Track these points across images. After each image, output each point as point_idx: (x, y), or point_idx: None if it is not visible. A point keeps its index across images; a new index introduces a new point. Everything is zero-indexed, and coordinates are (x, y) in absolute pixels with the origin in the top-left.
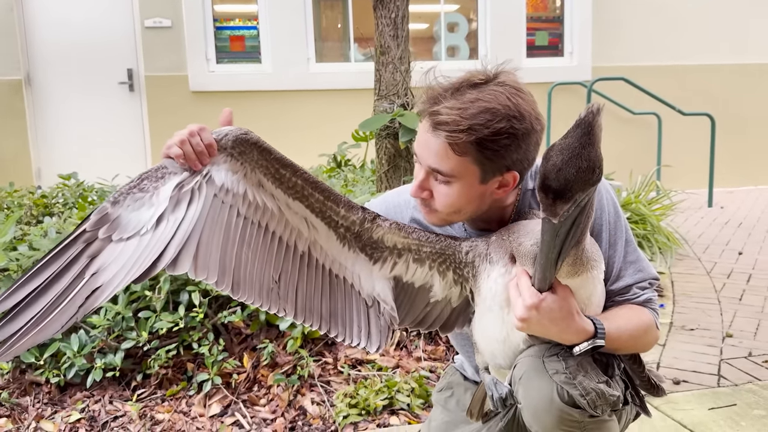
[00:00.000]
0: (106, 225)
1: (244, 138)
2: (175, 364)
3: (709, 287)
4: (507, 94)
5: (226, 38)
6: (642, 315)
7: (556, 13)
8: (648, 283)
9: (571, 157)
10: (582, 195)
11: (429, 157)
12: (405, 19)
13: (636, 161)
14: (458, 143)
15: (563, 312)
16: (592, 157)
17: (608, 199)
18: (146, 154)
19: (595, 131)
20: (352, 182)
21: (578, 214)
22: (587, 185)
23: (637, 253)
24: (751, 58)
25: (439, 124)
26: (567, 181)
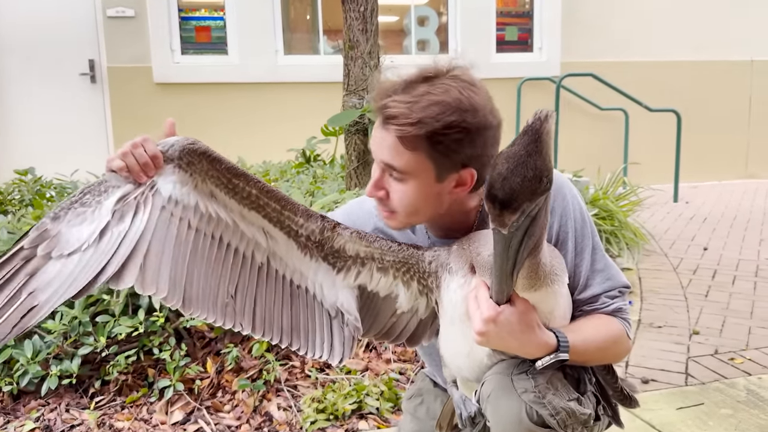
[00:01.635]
0: (45, 241)
1: (192, 148)
2: (135, 370)
3: (676, 283)
4: (459, 88)
5: (191, 29)
6: (611, 325)
7: (526, 8)
8: (618, 291)
9: (516, 166)
10: (530, 205)
11: (382, 153)
12: (374, 13)
13: (604, 156)
14: (408, 137)
15: (522, 325)
16: (538, 166)
17: (574, 204)
18: (109, 148)
19: (543, 138)
20: (321, 178)
21: (530, 224)
22: (535, 195)
23: (605, 260)
24: (717, 55)
25: (388, 118)
26: (513, 190)
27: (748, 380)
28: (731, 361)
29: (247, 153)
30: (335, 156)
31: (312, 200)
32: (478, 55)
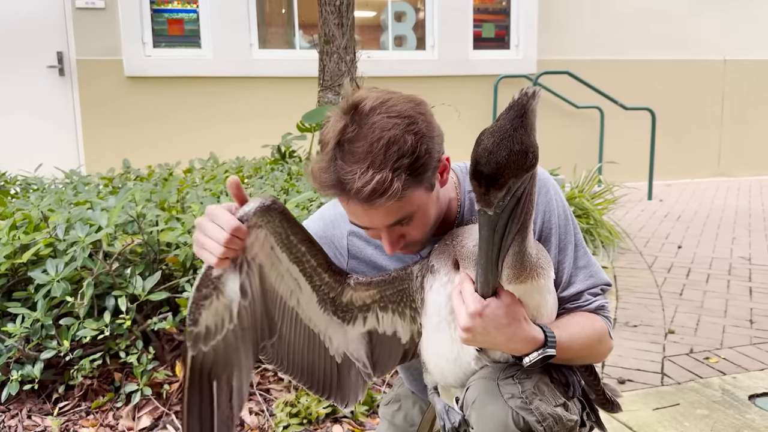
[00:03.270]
0: (200, 342)
1: (270, 207)
2: (100, 375)
3: (651, 282)
4: (384, 116)
5: (163, 21)
6: (595, 323)
7: (503, 5)
8: (600, 289)
9: (502, 140)
10: (516, 182)
11: (383, 221)
12: (350, 8)
13: (580, 154)
14: (397, 194)
15: (509, 318)
16: (524, 140)
17: (558, 201)
18: (78, 143)
19: (529, 115)
20: (296, 175)
21: (515, 205)
22: (520, 170)
23: (587, 257)
24: (691, 54)
25: (370, 196)
26: (498, 164)
27: (723, 380)
28: (706, 360)
29: (221, 149)
30: (311, 152)
31: (286, 198)
32: (456, 52)
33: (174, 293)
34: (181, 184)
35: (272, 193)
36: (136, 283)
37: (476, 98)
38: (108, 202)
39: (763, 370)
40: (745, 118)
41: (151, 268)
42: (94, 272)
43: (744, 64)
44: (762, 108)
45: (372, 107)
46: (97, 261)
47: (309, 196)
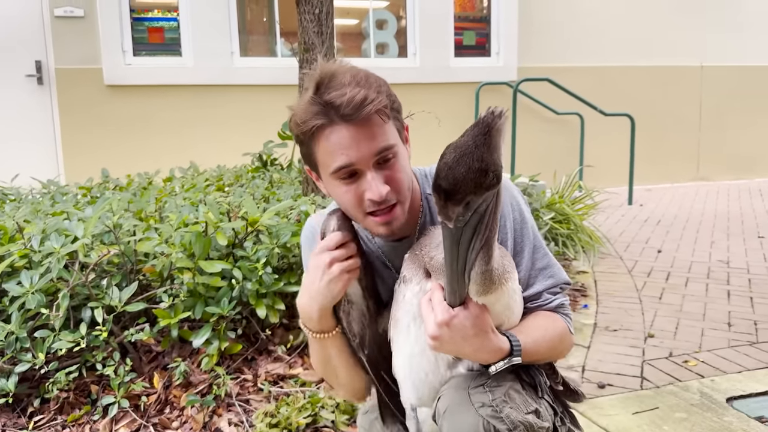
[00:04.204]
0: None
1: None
2: (77, 387)
3: (631, 286)
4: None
5: (144, 30)
6: (556, 323)
7: (483, 13)
8: (559, 288)
9: (462, 155)
10: (477, 199)
11: (371, 146)
12: (329, 16)
13: (560, 160)
14: (383, 110)
15: (476, 329)
16: (485, 159)
17: (513, 205)
18: (57, 153)
19: (493, 134)
20: (278, 183)
21: (478, 222)
22: (480, 188)
23: (547, 258)
24: (668, 60)
25: (359, 107)
26: (456, 180)
27: (701, 383)
28: (685, 363)
29: (202, 157)
30: (293, 160)
31: (266, 206)
32: (437, 59)
33: (151, 304)
34: (159, 193)
35: (252, 201)
36: (112, 294)
37: (458, 105)
38: (85, 212)
39: (741, 373)
40: (723, 123)
41: (128, 278)
42: (70, 283)
43: (720, 70)
44: (738, 113)
45: (345, 63)
46: (73, 272)
47: (289, 204)
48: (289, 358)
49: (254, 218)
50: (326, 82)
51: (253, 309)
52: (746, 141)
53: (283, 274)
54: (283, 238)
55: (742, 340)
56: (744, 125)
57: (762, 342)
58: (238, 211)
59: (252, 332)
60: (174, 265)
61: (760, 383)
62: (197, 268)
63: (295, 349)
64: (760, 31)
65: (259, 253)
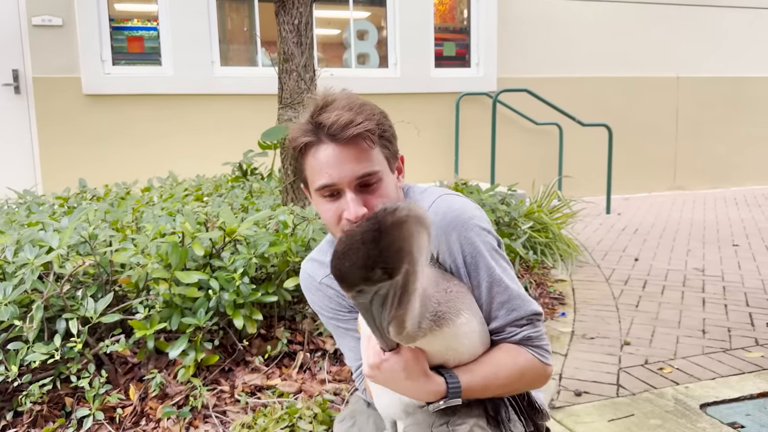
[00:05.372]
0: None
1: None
2: (51, 400)
3: (608, 294)
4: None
5: (123, 39)
6: (518, 357)
7: (463, 24)
8: (526, 320)
9: (348, 250)
10: (368, 288)
11: (354, 168)
12: (309, 26)
13: (540, 169)
14: (369, 135)
15: (406, 373)
16: (371, 256)
17: (463, 243)
18: (35, 163)
19: (385, 230)
20: (257, 193)
21: (384, 299)
22: (368, 281)
23: (508, 292)
24: (645, 71)
25: (345, 127)
26: (341, 273)
27: (676, 390)
28: (660, 370)
29: (182, 167)
30: (273, 170)
31: (244, 216)
32: (418, 69)
33: (127, 315)
34: (137, 203)
35: (230, 211)
36: (87, 305)
37: (438, 115)
38: (61, 222)
39: (715, 379)
40: (699, 133)
41: (103, 289)
42: (44, 295)
43: (696, 81)
44: (714, 123)
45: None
46: (47, 283)
47: (268, 214)
48: (267, 368)
49: (232, 228)
50: (323, 106)
51: (231, 319)
52: (722, 150)
53: (260, 285)
54: (260, 248)
55: (716, 347)
56: (720, 135)
57: (735, 349)
58: (216, 221)
59: (229, 343)
60: (150, 275)
61: (734, 389)
62: (174, 278)
63: (272, 360)
64: (734, 42)
65: (237, 263)
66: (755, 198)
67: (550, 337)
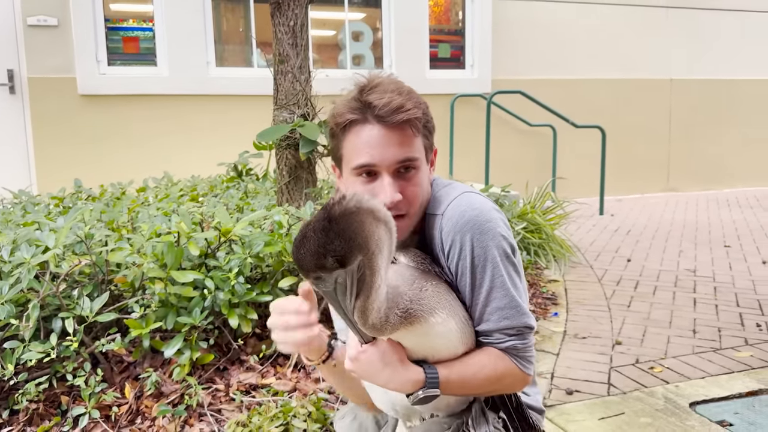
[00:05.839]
0: None
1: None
2: (47, 398)
3: (600, 294)
4: (401, 81)
5: (118, 39)
6: (498, 363)
7: (458, 26)
8: (516, 331)
9: (303, 238)
10: (326, 274)
11: (396, 152)
12: (304, 28)
13: (534, 170)
14: (415, 123)
15: (383, 364)
16: (323, 244)
17: (475, 244)
18: (29, 163)
19: (334, 219)
20: (253, 193)
21: (345, 287)
22: (322, 269)
23: (507, 299)
24: (638, 73)
25: (395, 111)
26: (298, 260)
27: (666, 388)
28: (651, 370)
29: (177, 167)
30: (268, 170)
31: (239, 216)
32: (413, 71)
33: (123, 314)
34: (132, 203)
35: (226, 211)
36: (83, 305)
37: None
38: (57, 222)
39: (704, 378)
40: (692, 135)
41: (99, 288)
42: (40, 294)
43: (689, 83)
44: (707, 125)
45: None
46: (43, 282)
47: (263, 214)
48: (262, 367)
49: (227, 228)
50: (371, 86)
51: (226, 319)
52: (715, 152)
53: (255, 284)
54: (255, 248)
55: (706, 347)
56: (712, 137)
57: (725, 348)
58: (211, 221)
59: (224, 342)
60: (146, 275)
61: (723, 388)
62: (169, 278)
63: (267, 359)
64: (726, 45)
65: (232, 262)
66: (747, 199)
67: (543, 337)
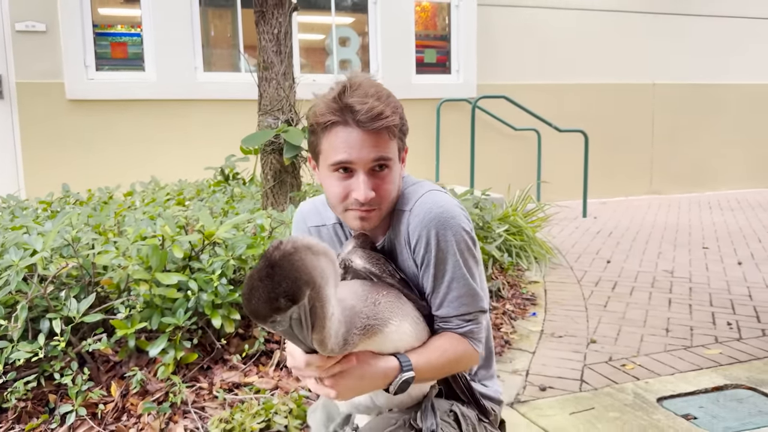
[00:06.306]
0: None
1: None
2: (35, 396)
3: (579, 295)
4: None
5: (107, 45)
6: (458, 346)
7: (444, 32)
8: (472, 316)
9: (251, 290)
10: (280, 317)
11: (371, 152)
12: (288, 35)
13: (519, 174)
14: (393, 128)
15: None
16: (271, 290)
17: (440, 240)
18: (18, 167)
19: (277, 265)
20: (239, 197)
21: (300, 321)
22: (277, 311)
23: (465, 288)
24: (621, 78)
25: (375, 118)
26: (252, 312)
27: (636, 384)
28: (623, 367)
29: (165, 172)
30: (255, 174)
31: (224, 220)
32: (399, 76)
33: (109, 315)
34: (119, 207)
35: (209, 215)
36: (70, 306)
37: (419, 121)
38: (44, 226)
39: (673, 375)
40: (674, 138)
41: (86, 290)
42: (28, 295)
43: (672, 88)
44: (689, 129)
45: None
46: (31, 284)
47: (246, 218)
48: (244, 366)
49: (210, 231)
50: (352, 88)
51: (209, 319)
52: (697, 155)
53: (238, 286)
54: (238, 251)
55: (678, 345)
56: (695, 140)
57: (696, 346)
58: (195, 224)
59: (208, 342)
60: (131, 277)
61: (690, 384)
62: (154, 280)
63: (250, 358)
64: (709, 50)
65: (215, 265)
66: (728, 202)
67: (520, 336)
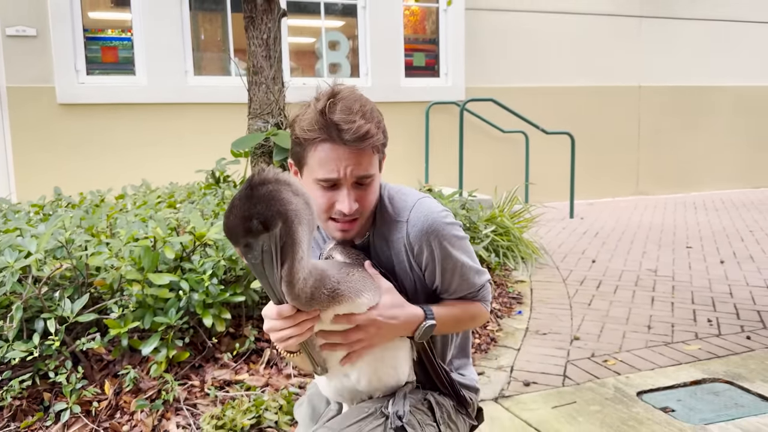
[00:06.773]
0: None
1: None
2: (30, 395)
3: (564, 294)
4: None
5: (97, 49)
6: (473, 306)
7: (433, 35)
8: (479, 289)
9: (231, 208)
10: (253, 242)
11: (357, 170)
12: (277, 41)
13: (507, 175)
14: (378, 146)
15: (393, 307)
16: (247, 209)
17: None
18: (9, 171)
19: (255, 189)
20: (229, 199)
21: (271, 257)
22: (249, 233)
23: (463, 277)
24: (607, 81)
25: (361, 138)
26: (227, 228)
27: (617, 379)
28: (605, 363)
29: (156, 175)
30: (245, 177)
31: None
32: (388, 79)
33: (102, 315)
34: (111, 210)
35: (200, 217)
36: (65, 306)
37: (409, 123)
38: (38, 228)
39: (653, 370)
40: (660, 140)
41: (79, 291)
42: (23, 296)
43: (658, 90)
44: (675, 131)
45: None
46: (26, 285)
47: None
48: (235, 364)
49: (201, 233)
50: (336, 102)
51: (200, 318)
52: (683, 157)
53: (229, 286)
54: (229, 251)
55: (659, 341)
56: (680, 142)
57: (676, 342)
58: (187, 226)
59: (199, 341)
60: (124, 277)
61: (669, 378)
62: (146, 280)
63: (240, 357)
64: (694, 53)
65: (206, 265)
66: (713, 202)
67: (506, 334)
